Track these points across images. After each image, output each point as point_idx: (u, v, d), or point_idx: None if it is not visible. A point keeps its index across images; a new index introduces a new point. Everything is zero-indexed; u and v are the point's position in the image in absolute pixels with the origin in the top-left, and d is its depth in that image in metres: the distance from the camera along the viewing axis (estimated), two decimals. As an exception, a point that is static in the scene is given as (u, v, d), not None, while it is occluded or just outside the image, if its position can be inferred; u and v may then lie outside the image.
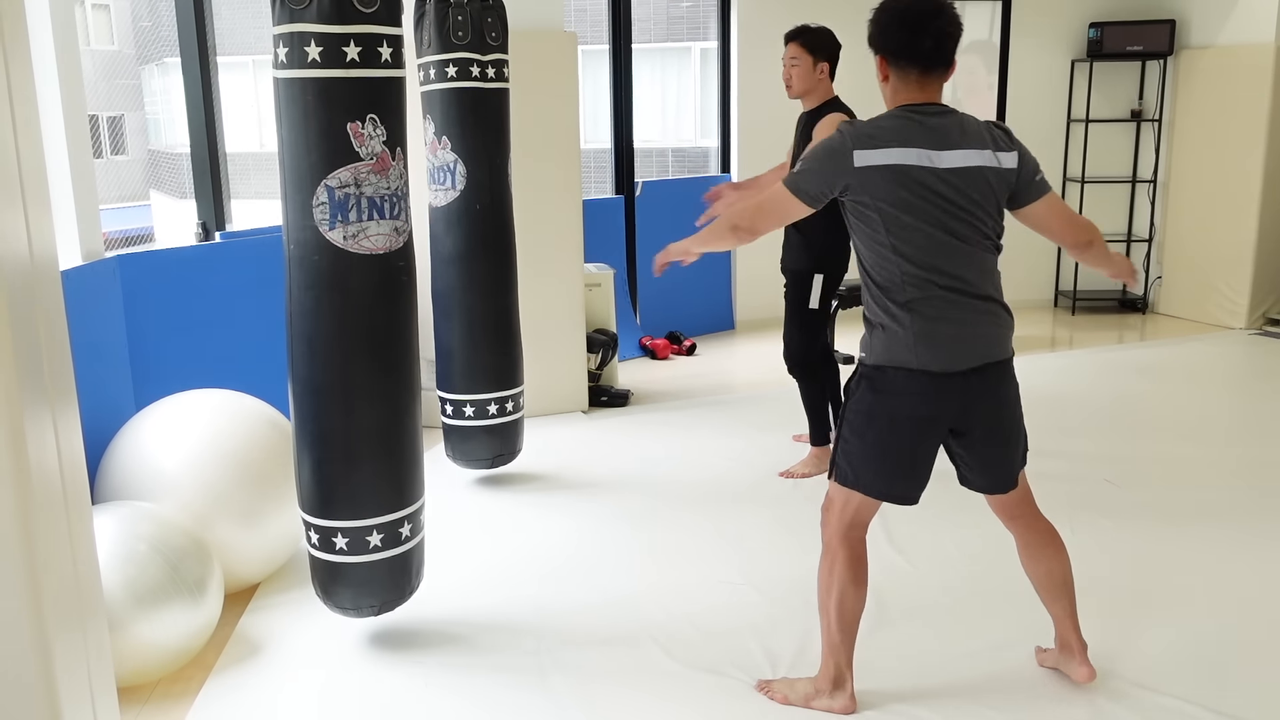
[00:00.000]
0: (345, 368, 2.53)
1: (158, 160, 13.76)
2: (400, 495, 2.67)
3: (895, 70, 2.39)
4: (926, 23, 2.37)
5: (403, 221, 2.56)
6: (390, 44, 2.41)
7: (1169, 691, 2.59)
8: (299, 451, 2.62)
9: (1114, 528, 3.61)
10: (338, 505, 2.60)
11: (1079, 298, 7.51)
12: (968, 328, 2.36)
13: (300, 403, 2.58)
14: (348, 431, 2.57)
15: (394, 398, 2.62)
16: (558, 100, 4.83)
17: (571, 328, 5.04)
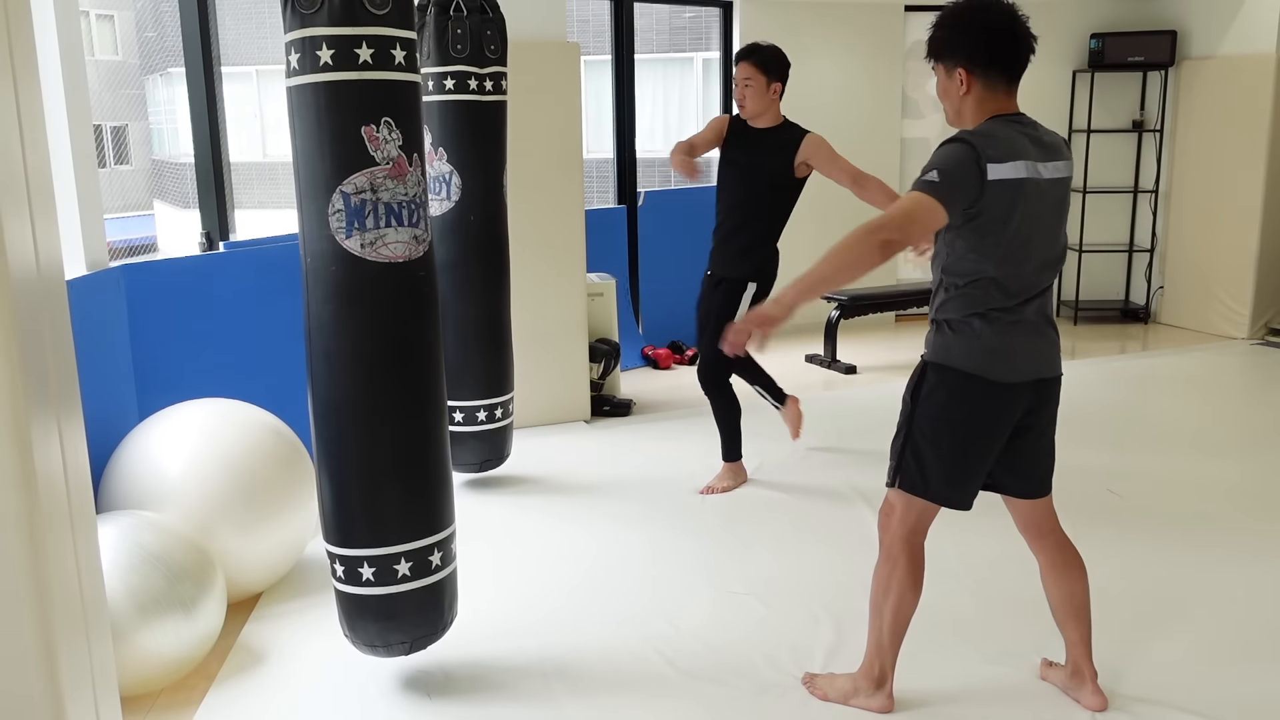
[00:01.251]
0: (368, 384, 2.42)
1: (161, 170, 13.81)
2: (429, 520, 2.54)
3: (982, 79, 2.32)
4: (1016, 28, 2.31)
5: (423, 230, 2.46)
6: (404, 47, 2.36)
7: (1171, 703, 2.59)
8: (320, 475, 2.51)
9: (1117, 537, 3.61)
10: (362, 532, 2.48)
11: (1081, 308, 7.52)
12: (1041, 340, 2.38)
13: (321, 423, 2.47)
14: (372, 452, 2.45)
15: (420, 415, 2.50)
16: (560, 110, 4.84)
17: (574, 337, 5.05)
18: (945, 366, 2.35)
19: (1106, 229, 7.58)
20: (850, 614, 3.09)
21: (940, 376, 2.36)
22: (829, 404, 5.34)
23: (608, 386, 5.37)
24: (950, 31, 2.34)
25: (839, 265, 2.21)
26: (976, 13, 2.32)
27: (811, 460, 4.49)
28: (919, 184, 2.23)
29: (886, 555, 2.50)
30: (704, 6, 6.98)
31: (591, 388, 5.22)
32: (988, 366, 2.31)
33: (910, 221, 2.20)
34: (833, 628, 3.01)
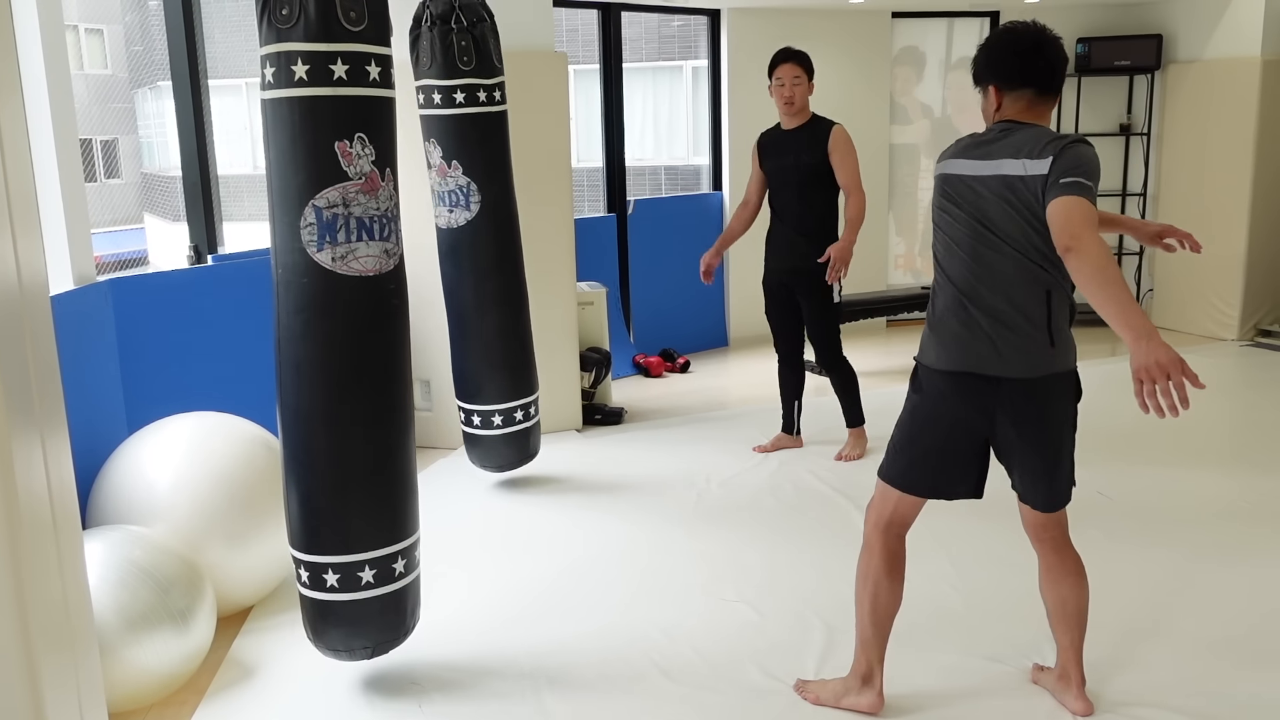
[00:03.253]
0: (335, 394, 2.46)
1: (151, 184, 13.77)
2: (394, 529, 2.57)
3: (1010, 96, 2.45)
4: (1044, 48, 2.44)
5: (393, 244, 2.50)
6: (379, 63, 2.40)
7: (1161, 704, 2.59)
8: (287, 482, 2.54)
9: (1105, 539, 3.61)
10: (328, 539, 2.50)
11: (1072, 311, 7.52)
12: (967, 332, 2.39)
13: (289, 431, 2.51)
14: (338, 461, 2.49)
15: (386, 425, 2.54)
16: (549, 120, 4.85)
17: (564, 346, 5.04)
18: (916, 358, 2.53)
19: (1095, 232, 7.59)
20: (843, 619, 3.08)
21: (914, 368, 2.53)
22: (821, 409, 5.33)
23: (599, 395, 5.37)
24: (984, 54, 2.51)
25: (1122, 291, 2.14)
26: (1005, 35, 2.49)
27: (803, 465, 4.49)
28: (1080, 189, 2.22)
29: (865, 544, 2.58)
30: (692, 15, 6.99)
31: (583, 396, 5.22)
32: (923, 352, 2.47)
33: (1090, 225, 2.21)
34: (825, 633, 3.01)
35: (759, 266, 5.88)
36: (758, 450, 4.73)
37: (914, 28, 7.37)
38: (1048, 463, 2.45)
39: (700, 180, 7.39)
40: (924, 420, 2.48)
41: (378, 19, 2.38)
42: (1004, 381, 2.38)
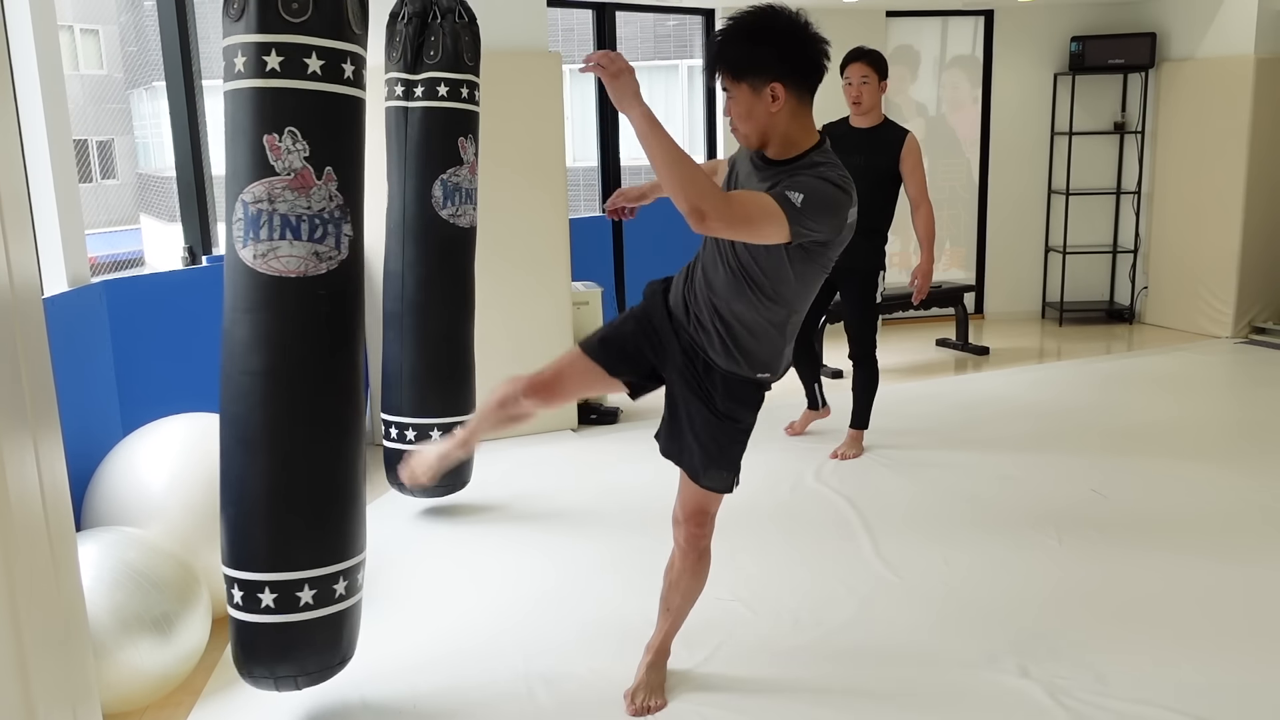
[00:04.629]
0: (256, 398, 2.34)
1: (147, 184, 13.75)
2: (313, 551, 2.40)
3: (796, 95, 2.27)
4: (821, 44, 2.29)
5: (328, 248, 2.34)
6: (323, 56, 2.26)
7: (1153, 701, 2.60)
8: (220, 496, 2.44)
9: (1101, 538, 3.62)
10: (255, 558, 2.38)
11: (1066, 309, 7.55)
12: (703, 320, 2.47)
13: (221, 438, 2.41)
14: (258, 474, 2.37)
15: (318, 439, 2.39)
16: (543, 120, 4.85)
17: (559, 347, 5.04)
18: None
19: (1090, 230, 7.62)
20: (837, 617, 3.09)
21: None
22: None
23: (594, 395, 5.37)
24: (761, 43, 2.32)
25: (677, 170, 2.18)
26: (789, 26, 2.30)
27: (795, 465, 4.49)
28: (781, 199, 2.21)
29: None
30: (686, 15, 7.00)
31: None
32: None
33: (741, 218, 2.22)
34: (819, 631, 3.01)
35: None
36: (788, 431, 4.90)
37: (908, 26, 7.38)
38: (691, 433, 2.64)
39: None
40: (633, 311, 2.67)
41: (327, 10, 2.25)
42: (688, 351, 2.58)
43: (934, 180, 7.65)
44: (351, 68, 2.32)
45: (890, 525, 3.80)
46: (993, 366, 6.32)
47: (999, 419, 5.12)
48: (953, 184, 7.71)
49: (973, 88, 7.56)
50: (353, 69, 2.33)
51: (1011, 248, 7.71)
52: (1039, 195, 7.65)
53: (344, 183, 2.36)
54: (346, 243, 2.38)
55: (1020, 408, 5.30)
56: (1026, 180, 7.62)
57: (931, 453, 4.64)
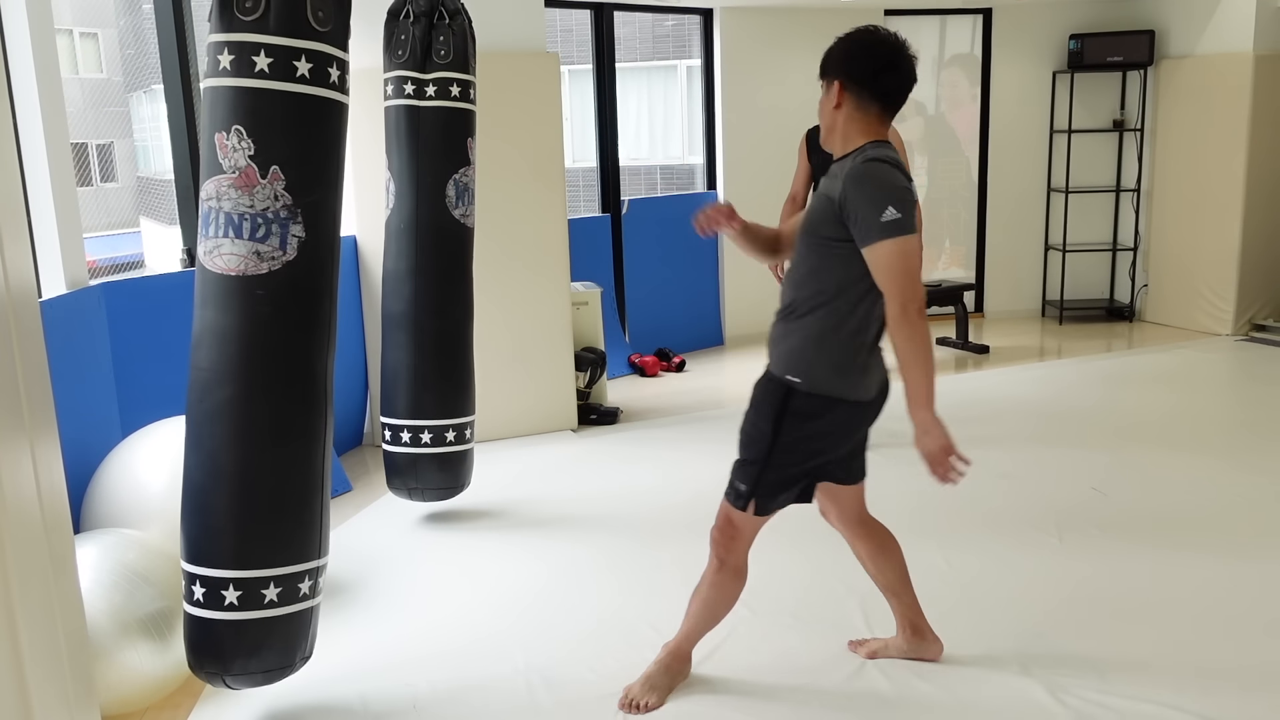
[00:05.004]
0: (197, 395, 2.37)
1: (147, 187, 13.76)
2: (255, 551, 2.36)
3: (855, 99, 2.38)
4: (898, 60, 2.37)
5: (270, 248, 2.30)
6: (271, 54, 2.24)
7: (1155, 699, 2.59)
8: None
9: (1101, 535, 3.62)
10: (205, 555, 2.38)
11: (1066, 307, 7.54)
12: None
13: (187, 427, 2.43)
14: (192, 469, 2.39)
15: (243, 440, 2.36)
16: (541, 120, 4.85)
17: (559, 346, 5.05)
18: None
19: (1090, 228, 7.62)
20: (835, 616, 3.09)
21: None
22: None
23: (594, 395, 5.38)
24: (840, 51, 2.46)
25: (926, 355, 2.31)
26: (867, 39, 2.44)
27: (798, 465, 4.49)
28: (885, 230, 2.26)
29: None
30: (685, 14, 7.00)
31: (578, 396, 5.22)
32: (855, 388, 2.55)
33: (912, 275, 2.29)
34: (817, 630, 3.01)
35: (756, 267, 5.81)
36: None
37: (906, 25, 7.38)
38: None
39: (695, 179, 7.39)
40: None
41: (282, 9, 2.23)
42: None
43: (933, 179, 7.65)
44: (308, 65, 2.28)
45: (890, 524, 3.79)
46: (993, 365, 6.32)
47: (999, 417, 5.11)
48: (952, 182, 7.71)
49: (971, 86, 7.56)
50: (309, 66, 2.28)
51: (1011, 246, 7.71)
52: (1038, 193, 7.65)
53: (294, 183, 2.31)
54: (295, 244, 2.33)
55: (1020, 406, 5.30)
56: (1026, 178, 7.61)
57: (931, 451, 4.64)
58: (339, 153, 2.42)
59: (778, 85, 6.96)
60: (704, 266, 7.04)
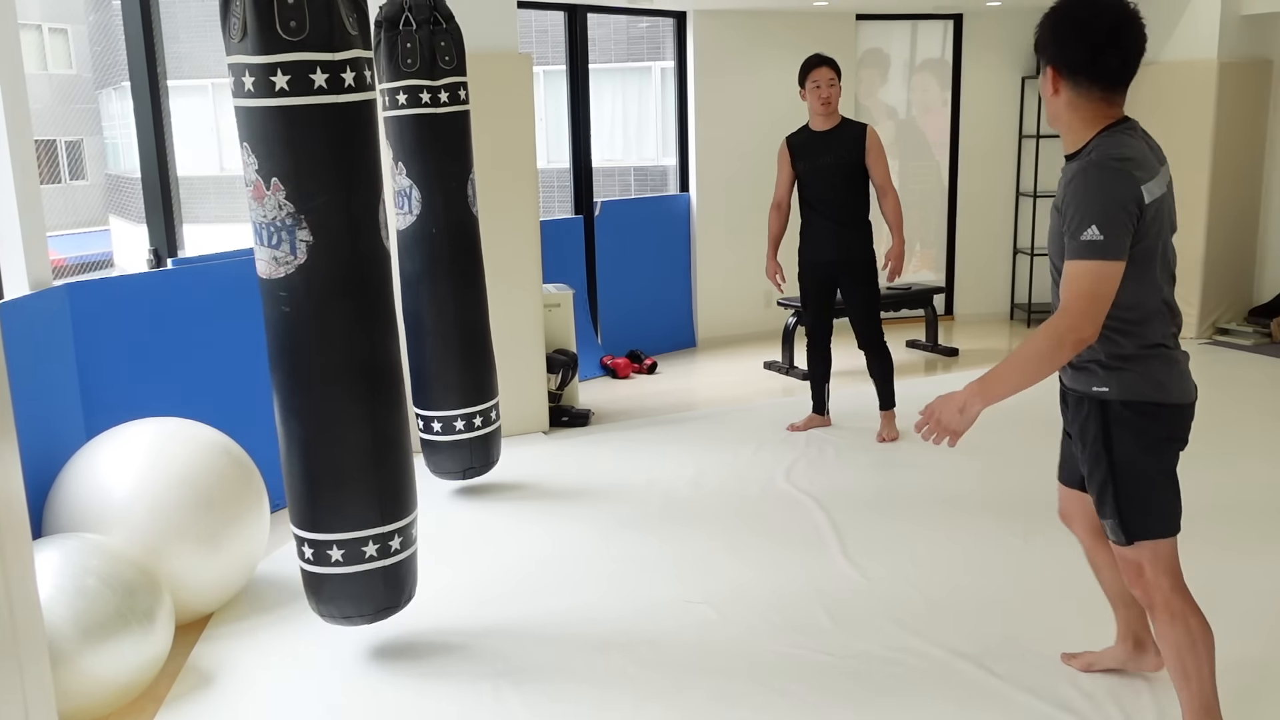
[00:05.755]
0: (271, 376, 2.69)
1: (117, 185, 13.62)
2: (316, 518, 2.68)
3: (1072, 85, 2.18)
4: (1115, 31, 2.14)
5: (284, 254, 2.51)
6: (253, 73, 2.40)
7: (1119, 698, 2.62)
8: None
9: (1065, 537, 3.64)
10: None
11: (1034, 310, 7.61)
12: (1185, 362, 2.36)
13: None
14: (282, 441, 2.72)
15: (294, 419, 2.66)
16: (514, 121, 4.85)
17: (531, 348, 5.04)
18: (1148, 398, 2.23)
19: (1059, 232, 7.68)
20: (805, 622, 3.10)
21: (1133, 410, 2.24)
22: (788, 410, 5.37)
23: (566, 397, 5.37)
24: (1046, 31, 2.23)
25: (1038, 375, 2.14)
26: (1078, 15, 2.20)
27: (770, 467, 4.51)
28: (1081, 249, 2.06)
29: (1175, 614, 2.27)
30: (659, 17, 7.01)
31: (549, 398, 5.21)
32: (1160, 389, 2.24)
33: (1094, 303, 2.07)
34: (786, 635, 3.02)
35: (729, 269, 5.89)
36: (791, 429, 5.02)
37: (878, 30, 7.42)
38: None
39: (668, 181, 7.40)
40: (1175, 457, 2.29)
41: (257, 29, 2.36)
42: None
43: (904, 182, 7.70)
44: (285, 78, 2.40)
45: (858, 526, 3.82)
46: (962, 367, 6.36)
47: (968, 420, 5.14)
48: (923, 186, 7.76)
49: (942, 90, 7.61)
50: (287, 79, 2.40)
51: (980, 249, 7.77)
52: (1007, 197, 7.72)
53: (293, 192, 2.47)
54: (304, 248, 2.51)
55: (989, 409, 5.32)
56: (995, 182, 7.67)
57: (899, 453, 4.67)
58: (346, 154, 2.51)
59: (750, 88, 6.99)
60: (676, 268, 7.05)
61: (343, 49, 2.44)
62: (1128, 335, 2.20)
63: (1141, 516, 2.26)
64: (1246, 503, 3.97)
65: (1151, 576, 2.26)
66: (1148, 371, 2.21)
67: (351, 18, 2.46)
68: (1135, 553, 2.27)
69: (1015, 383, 2.18)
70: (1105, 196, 2.07)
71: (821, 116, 4.73)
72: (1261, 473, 4.30)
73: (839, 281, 4.85)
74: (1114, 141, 2.14)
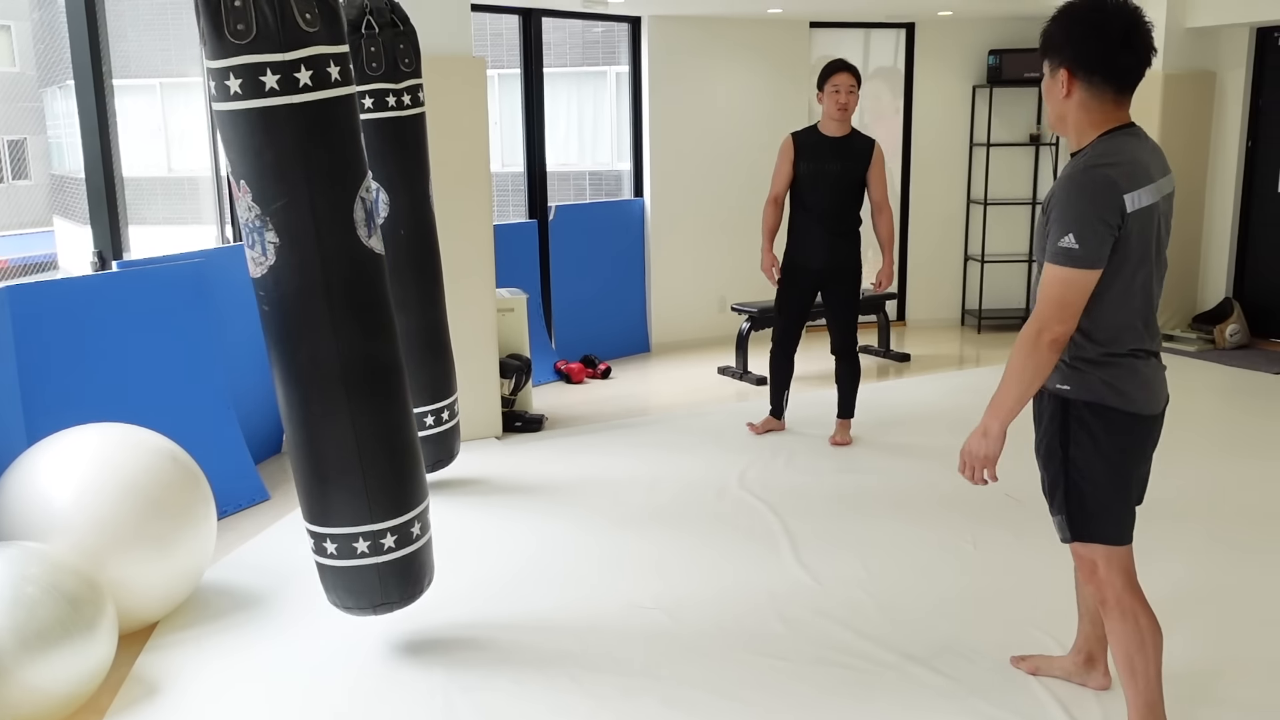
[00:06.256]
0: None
1: (62, 185, 13.35)
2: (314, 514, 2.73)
3: (1086, 87, 2.20)
4: (1129, 32, 2.16)
5: (258, 254, 2.54)
6: (214, 78, 2.42)
7: (1063, 699, 2.66)
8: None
9: (1014, 541, 3.70)
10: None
11: (985, 316, 7.71)
12: (1159, 372, 2.33)
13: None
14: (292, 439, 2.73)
15: (282, 412, 2.70)
16: (468, 125, 4.82)
17: (484, 353, 5.01)
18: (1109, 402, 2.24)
19: (1007, 239, 7.79)
20: (759, 626, 3.11)
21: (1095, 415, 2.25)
22: (742, 415, 5.38)
23: (519, 402, 5.35)
24: (1058, 29, 2.24)
25: (1029, 381, 2.20)
26: (1090, 16, 2.21)
27: (724, 471, 4.52)
28: (1056, 255, 2.12)
29: (1126, 612, 2.31)
30: (614, 21, 7.01)
31: (503, 404, 5.19)
32: (1122, 396, 2.24)
33: (1063, 308, 2.14)
34: (742, 640, 3.03)
35: (683, 274, 5.87)
36: (750, 428, 5.08)
37: (831, 37, 7.48)
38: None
39: (623, 186, 7.40)
40: (1131, 466, 2.32)
41: (210, 37, 2.37)
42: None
43: (857, 189, 7.76)
44: (237, 81, 2.39)
45: (811, 530, 3.84)
46: (914, 372, 6.43)
47: (919, 425, 5.20)
48: (876, 193, 7.83)
49: (895, 99, 7.69)
50: (239, 82, 2.39)
51: (932, 256, 7.86)
52: (959, 205, 7.81)
53: (258, 195, 2.48)
54: (272, 249, 2.53)
55: (940, 413, 5.40)
56: (947, 190, 7.77)
57: (852, 458, 4.70)
58: (306, 154, 2.47)
59: (704, 93, 7.02)
60: (630, 273, 7.06)
61: (295, 48, 2.39)
62: (1093, 340, 2.23)
63: (1088, 518, 2.30)
64: (1191, 507, 4.04)
65: (1105, 574, 2.31)
66: (1111, 377, 2.23)
67: (309, 15, 2.41)
68: (1090, 551, 2.32)
69: (1015, 393, 2.24)
70: (1085, 205, 2.11)
71: (836, 122, 4.71)
72: (1206, 477, 4.39)
73: (823, 288, 4.85)
74: (1111, 146, 2.18)
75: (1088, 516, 2.30)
